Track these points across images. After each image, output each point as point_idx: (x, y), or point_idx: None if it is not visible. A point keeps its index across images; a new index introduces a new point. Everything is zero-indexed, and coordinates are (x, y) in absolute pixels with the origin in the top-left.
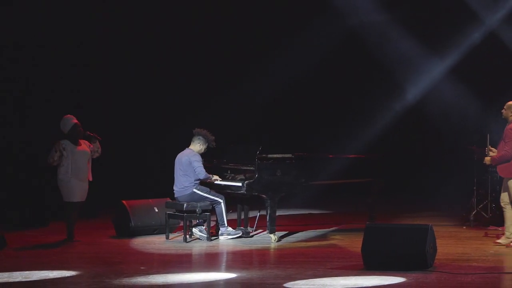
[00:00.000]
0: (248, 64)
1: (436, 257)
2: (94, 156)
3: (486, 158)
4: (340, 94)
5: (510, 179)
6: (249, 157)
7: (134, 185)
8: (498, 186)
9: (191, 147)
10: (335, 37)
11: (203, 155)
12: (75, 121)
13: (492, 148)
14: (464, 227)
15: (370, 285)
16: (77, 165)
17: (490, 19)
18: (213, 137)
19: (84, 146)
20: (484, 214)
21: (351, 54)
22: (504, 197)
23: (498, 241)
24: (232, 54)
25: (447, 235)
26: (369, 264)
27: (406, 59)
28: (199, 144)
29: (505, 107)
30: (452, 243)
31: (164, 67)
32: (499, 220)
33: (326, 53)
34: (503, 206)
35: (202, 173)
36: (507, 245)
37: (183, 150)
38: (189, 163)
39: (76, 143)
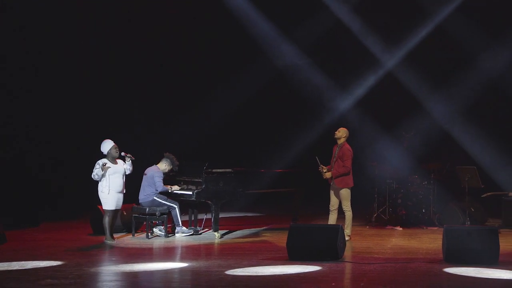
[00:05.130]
0: (199, 98)
1: (345, 250)
2: (127, 173)
3: (326, 174)
4: (270, 121)
5: (343, 189)
6: (198, 172)
7: None
8: (394, 194)
9: (158, 165)
10: (266, 76)
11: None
12: (114, 143)
13: (324, 166)
14: (367, 227)
15: (293, 272)
16: (114, 180)
17: (388, 62)
18: (178, 163)
19: (120, 164)
20: (383, 216)
21: (278, 89)
22: (334, 202)
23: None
24: (185, 88)
25: (354, 233)
26: (293, 256)
27: (322, 93)
28: (165, 164)
29: (339, 130)
30: (357, 239)
31: (136, 90)
32: (395, 221)
33: (259, 88)
34: (331, 210)
35: (160, 187)
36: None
37: (150, 165)
38: (152, 177)
39: (114, 162)
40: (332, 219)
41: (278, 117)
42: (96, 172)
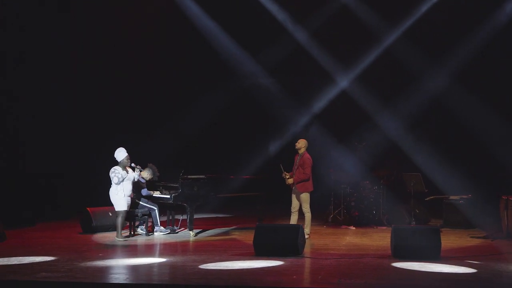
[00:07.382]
0: (178, 110)
1: (305, 247)
2: (135, 180)
3: (289, 180)
4: (239, 133)
5: (304, 193)
6: (175, 177)
7: (95, 196)
8: (348, 197)
9: (142, 173)
10: (234, 93)
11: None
12: (127, 154)
13: (287, 173)
14: (324, 226)
15: (259, 266)
16: (126, 186)
17: (342, 81)
18: (159, 174)
19: (130, 172)
20: (338, 217)
21: (245, 105)
22: (296, 205)
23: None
24: (164, 104)
25: (313, 232)
26: (259, 252)
27: (284, 108)
28: (148, 173)
29: (299, 141)
30: (316, 237)
31: (120, 101)
32: (349, 221)
33: (228, 104)
34: (292, 211)
35: (144, 191)
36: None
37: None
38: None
39: (125, 170)
40: (293, 219)
41: (245, 130)
42: (122, 174)
